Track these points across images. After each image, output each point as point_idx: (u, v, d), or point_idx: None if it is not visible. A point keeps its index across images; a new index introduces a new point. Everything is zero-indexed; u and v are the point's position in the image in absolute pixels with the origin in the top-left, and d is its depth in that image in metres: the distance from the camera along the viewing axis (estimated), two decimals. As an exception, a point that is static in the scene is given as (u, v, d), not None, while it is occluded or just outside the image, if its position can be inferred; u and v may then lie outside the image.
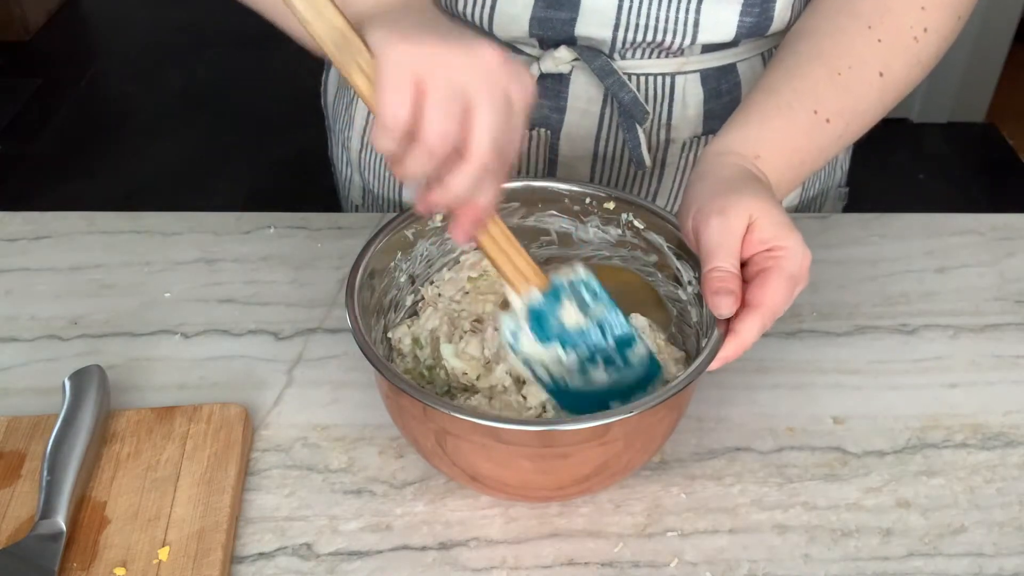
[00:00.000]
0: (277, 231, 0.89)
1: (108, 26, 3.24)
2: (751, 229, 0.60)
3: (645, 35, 0.76)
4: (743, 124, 0.67)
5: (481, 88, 0.54)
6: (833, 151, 0.71)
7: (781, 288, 0.59)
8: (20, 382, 0.75)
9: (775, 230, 0.60)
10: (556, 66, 0.80)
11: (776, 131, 0.67)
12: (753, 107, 0.68)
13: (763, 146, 0.66)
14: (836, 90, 0.68)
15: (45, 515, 0.60)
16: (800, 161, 0.68)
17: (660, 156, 0.86)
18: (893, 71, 0.70)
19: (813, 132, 0.68)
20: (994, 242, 0.90)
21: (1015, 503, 0.68)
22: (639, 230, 0.71)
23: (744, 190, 0.62)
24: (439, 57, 0.53)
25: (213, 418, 0.69)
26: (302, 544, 0.64)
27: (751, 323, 0.59)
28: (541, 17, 0.76)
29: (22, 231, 0.89)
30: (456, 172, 0.54)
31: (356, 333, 0.61)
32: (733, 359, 0.60)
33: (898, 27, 0.69)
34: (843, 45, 0.69)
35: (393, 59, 0.52)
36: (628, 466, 0.64)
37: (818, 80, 0.68)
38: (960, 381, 0.77)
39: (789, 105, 0.67)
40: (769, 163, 0.66)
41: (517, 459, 0.60)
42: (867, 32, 0.69)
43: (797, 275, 0.60)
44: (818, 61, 0.69)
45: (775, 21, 0.77)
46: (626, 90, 0.79)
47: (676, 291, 0.71)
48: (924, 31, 0.70)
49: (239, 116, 2.71)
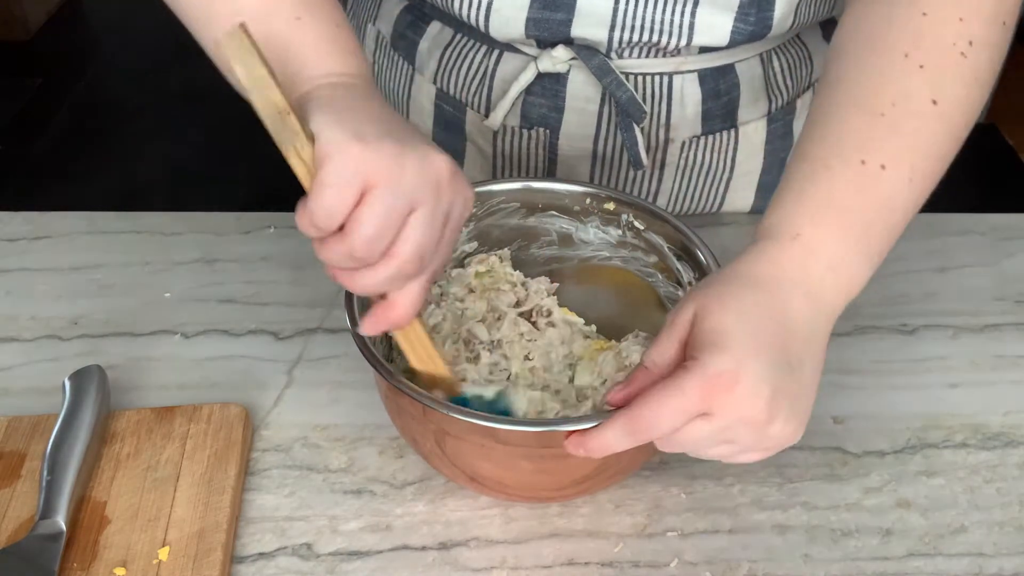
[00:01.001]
0: (277, 231, 0.89)
1: (108, 26, 3.24)
2: (692, 327, 0.53)
3: (641, 35, 0.76)
4: (779, 203, 0.58)
5: (425, 199, 0.52)
6: (910, 200, 0.59)
7: (660, 405, 0.51)
8: (20, 382, 0.75)
9: (705, 336, 0.51)
10: (554, 65, 0.80)
11: (816, 198, 0.56)
12: (788, 180, 0.59)
13: (804, 221, 0.56)
14: (884, 132, 0.58)
15: (45, 515, 0.60)
16: (862, 223, 0.56)
17: (659, 156, 0.86)
18: (947, 95, 0.59)
19: (867, 186, 0.57)
20: (994, 242, 0.90)
21: (1015, 503, 0.68)
22: (639, 231, 0.71)
23: (715, 284, 0.54)
24: (393, 167, 0.51)
25: (213, 418, 0.69)
26: (302, 544, 0.64)
27: (610, 426, 0.53)
28: (537, 18, 0.76)
29: (22, 231, 0.89)
30: (371, 269, 0.53)
31: (355, 334, 0.61)
32: (587, 455, 0.54)
33: (939, 47, 0.60)
34: (879, 83, 0.59)
35: (344, 161, 0.50)
36: (627, 467, 0.64)
37: (858, 128, 0.58)
38: (960, 381, 0.77)
39: (827, 166, 0.57)
40: (813, 239, 0.55)
41: (516, 459, 0.60)
42: (904, 61, 0.59)
43: (695, 401, 0.50)
44: (855, 108, 0.59)
45: (774, 28, 0.77)
46: (623, 89, 0.79)
47: (676, 292, 0.71)
48: (969, 44, 0.60)
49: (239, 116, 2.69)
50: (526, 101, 0.83)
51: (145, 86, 2.89)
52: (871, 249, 0.57)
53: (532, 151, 0.86)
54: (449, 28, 0.84)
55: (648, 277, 0.73)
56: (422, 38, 0.86)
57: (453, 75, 0.85)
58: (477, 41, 0.83)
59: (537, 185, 0.73)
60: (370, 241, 0.51)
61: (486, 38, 0.81)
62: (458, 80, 0.85)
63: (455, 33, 0.84)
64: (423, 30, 0.86)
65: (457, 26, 0.83)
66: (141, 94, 2.88)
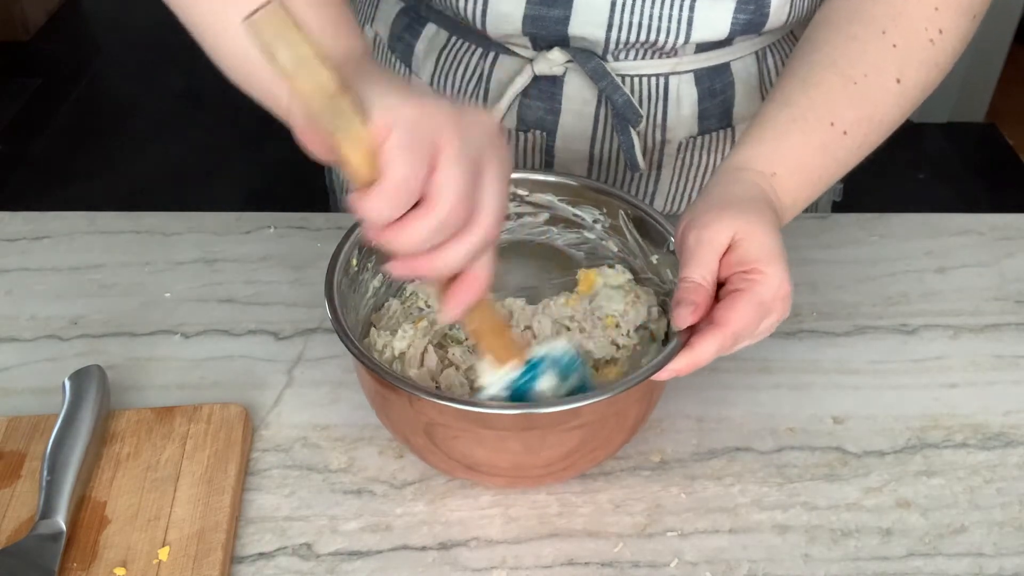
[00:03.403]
0: (277, 231, 0.89)
1: (108, 26, 3.24)
2: (733, 248, 0.60)
3: (639, 35, 0.76)
4: (759, 139, 0.66)
5: (491, 155, 0.50)
6: (852, 163, 0.69)
7: (748, 312, 0.58)
8: (20, 382, 0.75)
9: (757, 253, 0.59)
10: (550, 68, 0.80)
11: (792, 146, 0.65)
12: (768, 121, 0.67)
13: (780, 162, 0.65)
14: (852, 100, 0.66)
15: (45, 515, 0.60)
16: (818, 177, 0.67)
17: (656, 157, 0.86)
18: (910, 76, 0.67)
19: (831, 145, 0.66)
20: (994, 242, 0.90)
21: (1015, 503, 0.68)
22: (523, 198, 0.74)
23: (739, 208, 0.61)
24: (455, 120, 0.48)
25: (213, 418, 0.69)
26: (302, 544, 0.64)
27: (709, 341, 0.58)
28: (534, 15, 0.76)
29: (22, 231, 0.89)
30: (460, 241, 0.49)
31: (341, 334, 0.61)
32: (684, 374, 0.59)
33: (913, 30, 0.67)
34: (857, 52, 0.67)
35: (410, 127, 0.46)
36: (608, 442, 0.65)
37: (833, 90, 0.66)
38: (960, 381, 0.77)
39: (804, 118, 0.66)
40: (786, 181, 0.64)
41: (505, 441, 0.61)
42: (881, 38, 0.67)
43: (769, 303, 0.58)
44: (832, 70, 0.67)
45: (771, 18, 0.77)
46: (620, 93, 0.79)
47: (578, 233, 0.75)
48: (940, 32, 0.67)
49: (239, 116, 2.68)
50: (522, 104, 0.83)
51: (145, 86, 2.89)
52: (813, 196, 0.68)
53: (528, 154, 0.86)
54: (445, 30, 0.84)
55: (542, 236, 0.76)
56: (418, 40, 0.86)
57: (449, 78, 0.85)
58: (473, 43, 0.83)
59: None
60: (461, 201, 0.48)
61: (482, 40, 0.81)
62: (454, 83, 0.85)
63: (451, 35, 0.84)
64: (419, 32, 0.86)
65: (453, 28, 0.83)
66: (141, 94, 2.88)
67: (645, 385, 0.60)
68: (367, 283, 0.71)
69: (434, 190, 0.47)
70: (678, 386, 0.73)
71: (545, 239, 0.76)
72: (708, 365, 0.59)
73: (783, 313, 0.60)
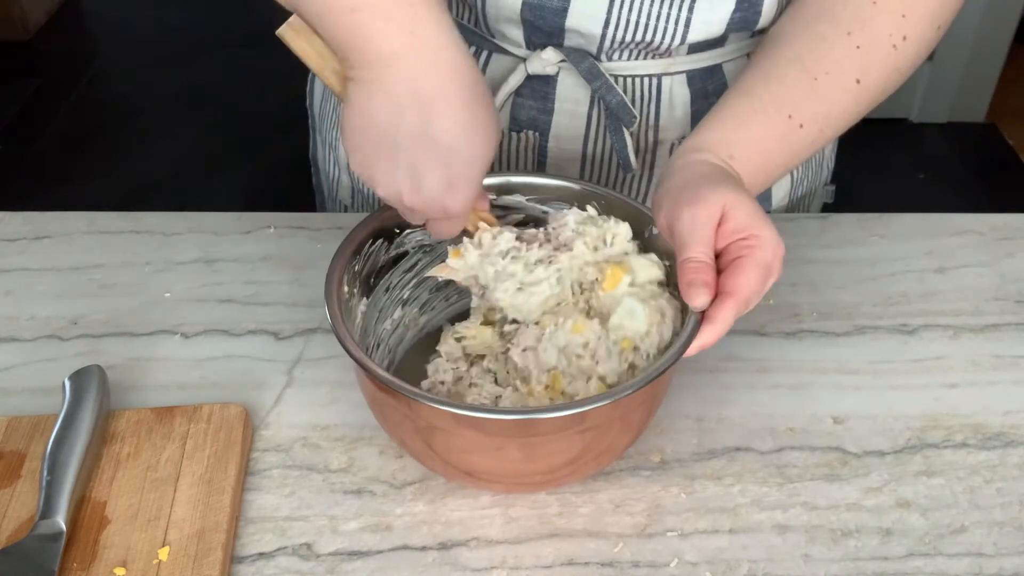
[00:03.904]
0: (277, 231, 0.89)
1: (108, 26, 3.24)
2: (724, 219, 0.61)
3: (635, 34, 0.76)
4: (719, 124, 0.68)
5: None
6: (806, 155, 0.71)
7: (755, 276, 0.59)
8: (20, 382, 0.75)
9: (748, 219, 0.60)
10: (543, 67, 0.80)
11: (751, 134, 0.67)
12: (729, 108, 0.68)
13: (737, 147, 0.66)
14: (812, 96, 0.68)
15: (45, 515, 0.60)
16: (774, 165, 0.69)
17: (648, 157, 0.86)
18: (870, 78, 0.69)
19: (787, 137, 0.68)
20: (994, 242, 0.90)
21: (1015, 503, 0.68)
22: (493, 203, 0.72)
23: (717, 182, 0.62)
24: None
25: (213, 418, 0.69)
26: (302, 544, 0.64)
27: (727, 310, 0.59)
28: (533, 3, 0.76)
29: (22, 231, 0.89)
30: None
31: (338, 332, 0.61)
32: (710, 345, 0.60)
33: (877, 35, 0.69)
34: (821, 51, 0.69)
35: None
36: (611, 448, 0.64)
37: (795, 85, 0.68)
38: (960, 381, 0.77)
39: (764, 109, 0.67)
40: (742, 164, 0.66)
41: (504, 448, 0.61)
42: (846, 39, 0.68)
43: (770, 264, 0.60)
44: (796, 65, 0.69)
45: (763, 16, 0.77)
46: (613, 93, 0.79)
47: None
48: (903, 39, 0.69)
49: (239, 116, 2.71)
50: (515, 103, 0.83)
51: (145, 86, 2.89)
52: (766, 184, 0.70)
53: (521, 153, 0.86)
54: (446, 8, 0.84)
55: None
56: None
57: None
58: (467, 41, 0.83)
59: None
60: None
61: (476, 38, 0.81)
62: None
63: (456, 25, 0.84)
64: None
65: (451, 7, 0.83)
66: (141, 94, 2.88)
67: (650, 387, 0.59)
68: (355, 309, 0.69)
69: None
70: (678, 386, 0.73)
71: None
72: (708, 365, 0.60)
73: (778, 273, 0.62)
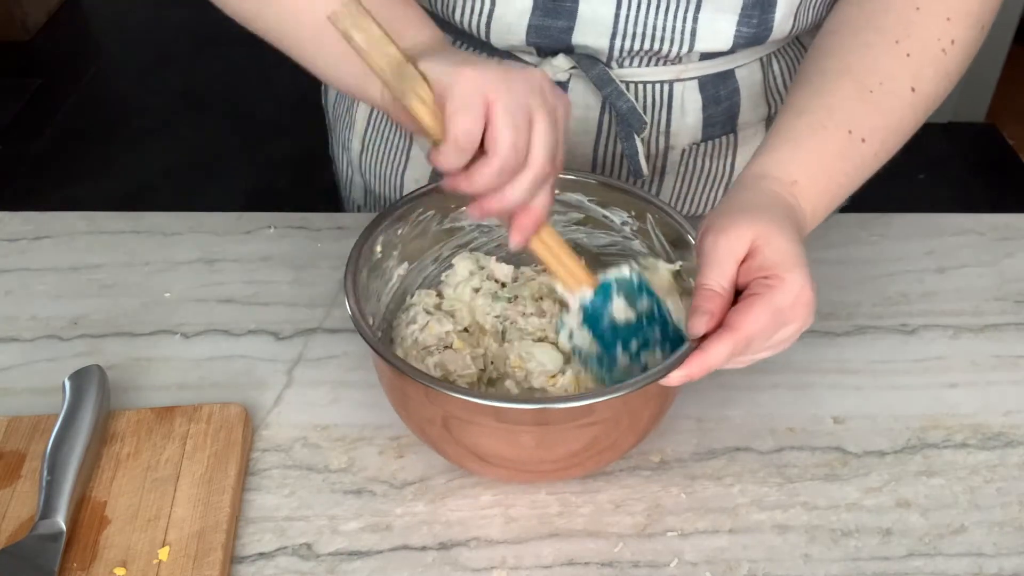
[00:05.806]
0: (277, 231, 0.89)
1: (108, 26, 3.24)
2: (752, 254, 0.59)
3: (643, 44, 0.76)
4: (776, 146, 0.65)
5: (538, 104, 0.58)
6: (869, 171, 0.67)
7: (763, 317, 0.57)
8: (20, 382, 0.75)
9: (777, 258, 0.58)
10: (554, 74, 0.79)
11: (811, 153, 0.65)
12: (784, 130, 0.66)
13: (799, 170, 0.64)
14: (869, 108, 0.66)
15: (45, 515, 0.60)
16: (838, 184, 0.66)
17: (659, 163, 0.86)
18: (924, 85, 0.67)
19: (849, 153, 0.65)
20: (994, 242, 0.90)
21: (1015, 503, 0.68)
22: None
23: (758, 213, 0.60)
24: (502, 79, 0.57)
25: (213, 418, 0.69)
26: (302, 544, 0.64)
27: (720, 345, 0.57)
28: (538, 25, 0.76)
29: (22, 231, 0.89)
30: (517, 180, 0.58)
31: (356, 321, 0.61)
32: (696, 378, 0.58)
33: (925, 40, 0.67)
34: (871, 61, 0.67)
35: (463, 82, 0.56)
36: (618, 444, 0.65)
37: (849, 98, 0.66)
38: (960, 381, 0.77)
39: (823, 126, 0.65)
40: (806, 189, 0.64)
41: (518, 436, 0.61)
42: (895, 47, 0.67)
43: (787, 310, 0.58)
44: (847, 78, 0.66)
45: (774, 31, 0.77)
46: (624, 99, 0.78)
47: (610, 235, 0.75)
48: (951, 43, 0.68)
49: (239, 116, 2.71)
50: None
51: (145, 86, 2.89)
52: (832, 205, 0.66)
53: None
54: (449, 35, 0.84)
55: (569, 236, 0.75)
56: None
57: None
58: (476, 49, 0.83)
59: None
60: (513, 147, 0.56)
61: (485, 46, 0.81)
62: None
63: (455, 40, 0.84)
64: None
65: (456, 34, 0.83)
66: (141, 94, 2.88)
67: (661, 388, 0.59)
68: (391, 271, 0.72)
69: (490, 141, 0.56)
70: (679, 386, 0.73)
71: (572, 239, 0.75)
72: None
73: (805, 321, 0.59)
